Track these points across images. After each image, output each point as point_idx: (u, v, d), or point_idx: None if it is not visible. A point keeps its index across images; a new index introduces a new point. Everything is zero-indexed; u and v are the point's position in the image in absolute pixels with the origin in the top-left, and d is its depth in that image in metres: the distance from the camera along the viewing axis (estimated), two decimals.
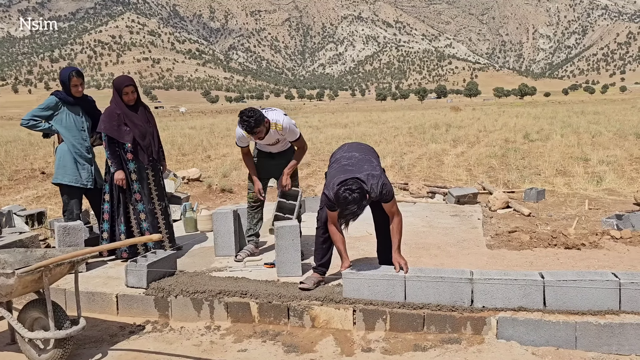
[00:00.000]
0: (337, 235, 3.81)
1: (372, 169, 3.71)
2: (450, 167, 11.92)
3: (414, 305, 3.53)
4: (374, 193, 3.60)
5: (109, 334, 3.78)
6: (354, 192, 3.45)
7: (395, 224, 3.78)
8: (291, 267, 4.19)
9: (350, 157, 3.88)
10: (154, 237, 2.84)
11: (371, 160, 3.87)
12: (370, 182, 3.60)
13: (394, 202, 3.78)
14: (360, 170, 3.69)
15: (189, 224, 6.13)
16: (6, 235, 5.55)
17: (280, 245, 4.18)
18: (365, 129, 25.54)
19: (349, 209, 3.46)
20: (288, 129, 4.61)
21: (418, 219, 6.67)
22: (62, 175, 4.85)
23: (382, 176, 3.70)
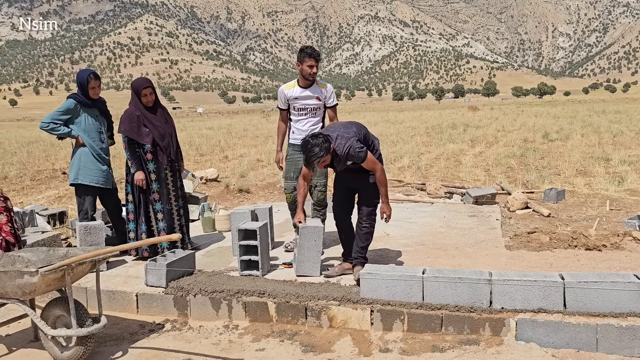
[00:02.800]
0: (301, 187, 4.21)
1: (345, 132, 3.99)
2: (468, 167, 11.82)
3: (432, 305, 3.52)
4: (340, 152, 3.91)
5: (129, 332, 3.84)
6: (317, 137, 3.87)
7: (378, 175, 4.06)
8: (310, 267, 4.21)
9: (332, 125, 4.33)
10: (173, 237, 2.87)
11: (350, 126, 4.11)
12: (337, 141, 3.91)
13: (370, 160, 4.00)
14: (331, 130, 4.05)
15: (207, 224, 6.18)
16: (29, 234, 5.66)
17: (302, 245, 4.20)
18: (382, 129, 25.46)
19: (313, 151, 3.83)
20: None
21: (436, 219, 6.64)
22: (83, 175, 4.92)
23: (353, 140, 3.93)
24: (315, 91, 4.97)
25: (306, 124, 5.03)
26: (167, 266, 4.10)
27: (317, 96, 4.98)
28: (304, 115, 5.01)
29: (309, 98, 4.96)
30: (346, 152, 3.88)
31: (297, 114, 5.04)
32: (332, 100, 5.07)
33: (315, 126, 5.04)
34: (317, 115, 5.04)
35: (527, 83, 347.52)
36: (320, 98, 5.00)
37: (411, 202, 8.06)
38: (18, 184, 11.26)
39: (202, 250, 5.28)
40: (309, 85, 4.95)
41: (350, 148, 3.88)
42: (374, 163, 4.01)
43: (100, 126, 5.05)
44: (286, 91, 5.03)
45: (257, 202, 8.84)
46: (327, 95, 5.04)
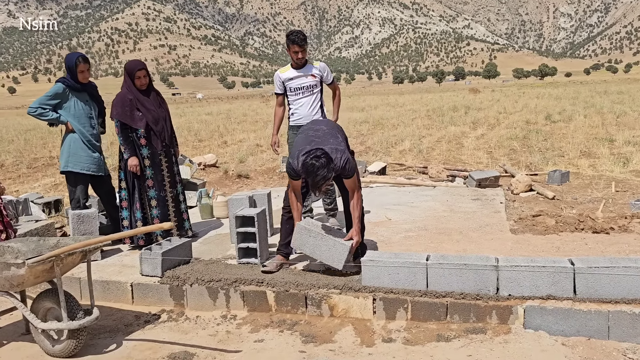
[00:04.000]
0: (294, 203, 3.88)
1: (337, 144, 3.75)
2: (470, 150, 11.66)
3: (436, 293, 3.39)
4: (336, 166, 3.63)
5: (124, 324, 3.72)
6: (320, 158, 3.51)
7: (356, 199, 3.82)
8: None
9: (317, 130, 3.91)
10: (164, 226, 2.74)
11: (337, 135, 3.89)
12: (334, 154, 3.65)
13: (355, 179, 3.81)
14: (325, 142, 3.73)
15: (205, 211, 6.05)
16: (22, 223, 5.53)
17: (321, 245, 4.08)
18: (383, 113, 25.24)
19: (319, 174, 3.49)
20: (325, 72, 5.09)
21: (438, 203, 6.50)
22: (74, 163, 4.76)
23: (347, 152, 3.76)
24: (309, 69, 5.03)
25: (304, 104, 5.00)
26: (162, 255, 3.97)
27: (311, 74, 4.99)
28: (301, 94, 5.00)
29: (304, 76, 4.99)
30: (342, 166, 3.66)
31: (294, 94, 5.02)
32: (329, 76, 5.11)
33: (313, 105, 5.01)
34: (314, 93, 5.01)
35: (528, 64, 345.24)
36: (315, 75, 4.99)
37: (413, 185, 7.92)
38: (14, 172, 11.12)
39: (200, 238, 5.15)
40: (302, 66, 5.02)
41: (347, 162, 3.69)
42: (356, 183, 3.81)
43: (90, 111, 4.89)
44: (281, 74, 5.09)
45: (256, 187, 8.71)
46: (324, 73, 5.05)
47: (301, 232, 3.81)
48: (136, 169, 4.71)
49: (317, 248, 3.73)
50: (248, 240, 4.20)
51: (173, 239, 4.36)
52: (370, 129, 17.33)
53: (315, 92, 5.02)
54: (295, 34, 4.88)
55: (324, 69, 5.06)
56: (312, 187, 3.58)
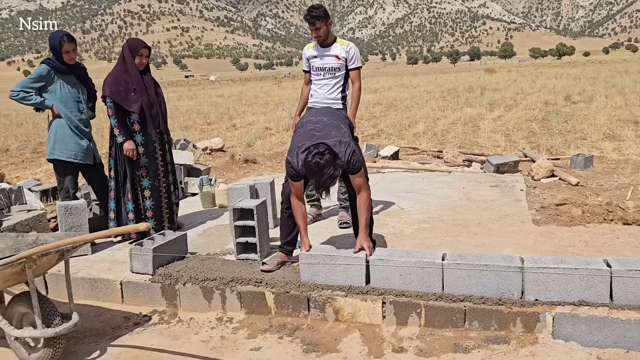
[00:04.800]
0: (297, 210, 3.44)
1: (341, 135, 3.33)
2: (487, 133, 11.18)
3: (453, 297, 3.03)
4: (342, 161, 3.21)
5: (111, 326, 3.43)
6: (324, 154, 3.08)
7: (363, 200, 3.37)
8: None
9: (318, 122, 3.47)
10: (140, 227, 2.40)
11: (340, 126, 3.46)
12: (338, 148, 3.22)
13: (363, 174, 3.38)
14: (327, 135, 3.30)
15: (206, 199, 5.73)
16: (14, 213, 5.26)
17: None
18: (396, 94, 24.68)
19: (325, 173, 3.07)
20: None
21: (454, 190, 6.11)
22: (60, 150, 4.44)
23: (352, 144, 3.33)
24: (335, 49, 4.51)
25: (324, 87, 4.57)
26: (154, 251, 3.66)
27: (336, 54, 4.49)
28: (322, 76, 4.56)
29: (328, 56, 4.51)
30: (347, 160, 3.23)
31: (316, 74, 4.60)
32: (354, 62, 4.54)
33: (333, 90, 4.55)
34: (336, 77, 4.53)
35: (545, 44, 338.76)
36: (340, 57, 4.48)
37: (427, 171, 7.52)
38: (18, 157, 10.92)
39: (198, 229, 4.83)
40: (328, 44, 4.53)
41: (353, 155, 3.25)
42: (363, 179, 3.37)
43: (78, 95, 4.54)
44: (307, 50, 4.67)
45: (263, 173, 8.37)
46: (350, 56, 4.51)
47: (307, 264, 3.34)
48: (132, 153, 4.37)
49: (331, 272, 3.29)
50: (247, 234, 3.87)
51: (167, 232, 4.05)
52: (383, 111, 16.87)
53: (338, 76, 4.53)
54: (309, 10, 4.42)
55: (351, 51, 4.50)
56: (318, 188, 3.17)
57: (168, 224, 4.57)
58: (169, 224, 4.58)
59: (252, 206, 3.75)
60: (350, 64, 4.53)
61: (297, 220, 3.45)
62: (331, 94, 4.55)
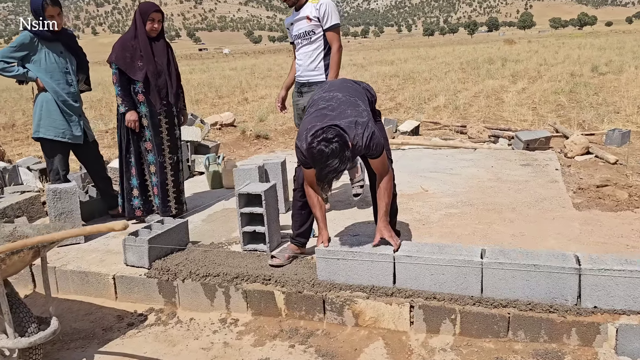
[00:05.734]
0: (313, 199, 2.95)
1: (357, 115, 2.78)
2: (512, 106, 10.57)
3: (494, 301, 2.58)
4: (359, 146, 2.71)
5: (102, 327, 3.04)
6: (331, 142, 2.57)
7: (384, 185, 2.88)
8: None
9: (331, 99, 2.92)
10: (115, 227, 1.97)
11: (357, 103, 2.91)
12: (353, 131, 2.69)
13: (384, 158, 2.87)
14: (341, 115, 2.77)
15: (213, 179, 5.30)
16: (6, 195, 4.89)
17: None
18: (413, 66, 23.88)
19: (328, 165, 2.56)
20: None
21: (482, 170, 5.60)
22: (46, 128, 4.02)
23: (371, 124, 2.78)
24: (305, 10, 3.91)
25: (303, 56, 3.98)
26: (150, 242, 3.24)
27: (306, 15, 3.88)
28: (300, 44, 3.99)
29: (299, 20, 3.93)
30: (366, 144, 2.72)
31: (296, 43, 4.05)
32: (329, 19, 3.86)
33: (313, 57, 3.92)
34: (313, 42, 3.91)
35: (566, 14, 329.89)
36: (311, 17, 3.86)
37: (451, 147, 7.01)
38: (24, 133, 10.57)
39: (203, 214, 4.41)
40: (301, 5, 3.94)
41: (372, 138, 2.73)
42: (385, 164, 2.88)
43: (66, 65, 4.09)
44: (286, 19, 4.17)
45: (275, 149, 7.92)
46: (322, 13, 3.83)
47: (325, 260, 2.90)
48: (134, 125, 4.01)
49: (352, 270, 2.85)
50: (255, 222, 3.43)
51: (167, 219, 3.63)
52: (400, 84, 16.23)
53: (315, 40, 3.90)
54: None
55: (322, 7, 3.83)
56: (319, 180, 2.67)
57: (175, 204, 4.17)
58: (176, 205, 4.17)
59: (260, 191, 3.31)
60: (324, 22, 3.86)
61: (314, 211, 2.98)
62: (311, 64, 3.93)
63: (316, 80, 3.91)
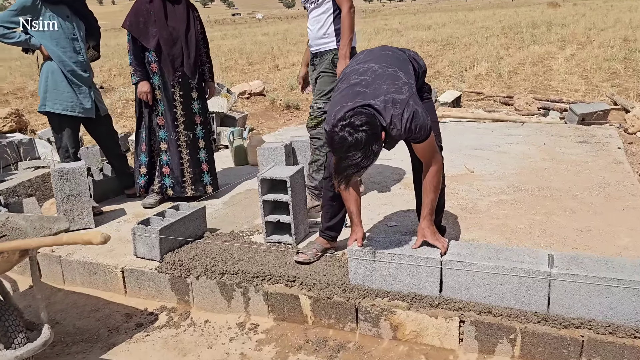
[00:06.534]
0: (346, 192, 2.51)
1: (395, 91, 2.25)
2: (561, 74, 9.79)
3: (564, 320, 2.13)
4: (397, 130, 2.20)
5: (108, 327, 2.73)
6: (357, 130, 2.08)
7: (430, 178, 2.38)
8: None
9: (365, 72, 2.40)
10: (94, 240, 1.58)
11: (396, 75, 2.36)
12: (390, 111, 2.18)
13: (432, 144, 2.34)
14: (376, 92, 2.25)
15: (238, 155, 4.92)
16: (20, 171, 4.62)
17: None
18: (452, 31, 22.77)
19: (348, 157, 2.09)
20: None
21: (533, 147, 5.05)
22: (52, 101, 3.67)
23: (413, 101, 2.23)
24: None
25: (313, 23, 3.47)
26: (161, 232, 2.88)
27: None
28: (309, 7, 3.50)
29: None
30: (406, 127, 2.20)
31: (306, 8, 3.57)
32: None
33: (322, 24, 3.40)
34: (321, 5, 3.40)
35: None
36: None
37: (496, 121, 6.43)
38: None
39: (225, 195, 4.04)
40: None
41: (413, 119, 2.19)
42: (432, 149, 2.35)
43: (73, 30, 3.70)
44: None
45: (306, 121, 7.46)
46: None
47: (359, 261, 2.47)
48: (146, 96, 3.66)
49: (390, 275, 2.41)
50: (279, 211, 3.04)
51: (182, 204, 3.27)
52: (439, 50, 15.41)
53: (323, 3, 3.40)
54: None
55: None
56: (336, 173, 2.17)
57: (192, 186, 3.80)
58: (193, 186, 3.81)
59: (285, 176, 2.89)
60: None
61: (348, 204, 2.54)
62: (320, 30, 3.41)
63: (328, 49, 3.41)
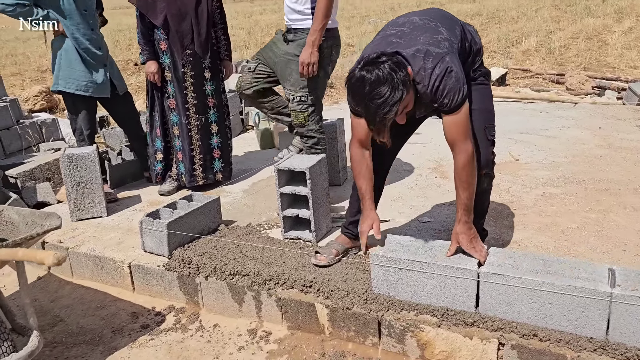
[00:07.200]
0: (361, 165, 2.19)
1: (432, 43, 1.94)
2: (618, 50, 9.07)
3: (626, 350, 1.78)
4: (424, 86, 1.89)
5: (112, 327, 2.53)
6: (377, 64, 1.81)
7: (458, 170, 2.01)
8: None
9: (404, 23, 2.09)
10: (46, 261, 1.30)
11: (438, 30, 2.02)
12: (419, 62, 1.89)
13: (463, 121, 1.96)
14: (411, 43, 1.95)
15: (264, 138, 4.65)
16: (40, 153, 4.49)
17: None
18: (499, 3, 21.70)
19: (374, 97, 1.79)
20: None
21: (587, 132, 4.59)
22: (65, 80, 3.46)
23: (450, 59, 1.90)
24: None
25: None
26: (170, 226, 2.65)
27: None
28: None
29: None
30: (434, 87, 1.89)
31: None
32: None
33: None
34: None
35: None
36: None
37: (545, 101, 5.93)
38: None
39: (247, 181, 3.79)
40: None
41: (445, 77, 1.88)
42: (464, 127, 1.97)
43: (85, 4, 3.47)
44: None
45: (339, 100, 7.12)
46: None
47: (383, 268, 2.13)
48: (154, 77, 3.43)
49: (420, 286, 2.08)
50: (298, 205, 2.76)
51: (195, 195, 3.03)
52: (484, 24, 14.63)
53: None
54: None
55: None
56: (370, 124, 1.87)
57: (202, 174, 3.56)
58: (204, 174, 3.57)
59: (305, 168, 2.60)
60: None
61: (357, 181, 2.23)
62: (296, 3, 2.95)
63: (301, 27, 2.98)
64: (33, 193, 3.60)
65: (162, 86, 3.47)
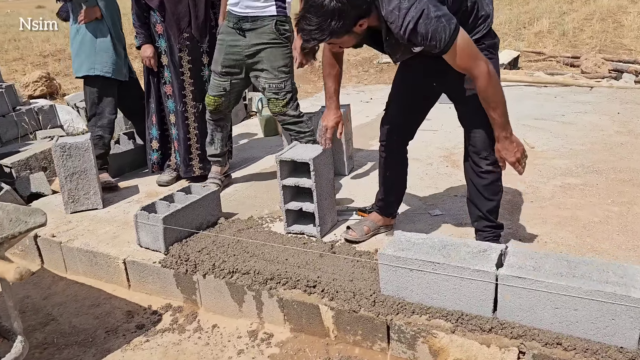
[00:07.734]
0: (332, 68, 2.34)
1: None
2: (635, 31, 8.77)
3: None
4: (396, 27, 1.84)
5: (105, 327, 2.40)
6: None
7: (482, 90, 1.93)
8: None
9: None
10: (7, 276, 1.09)
11: None
12: (394, 2, 1.83)
13: (463, 49, 1.85)
14: None
15: (267, 125, 4.49)
16: (37, 141, 4.35)
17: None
18: None
19: (306, 18, 1.85)
20: None
21: (605, 117, 4.39)
22: (102, 63, 3.37)
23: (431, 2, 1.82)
24: None
25: None
26: (166, 221, 2.50)
27: None
28: None
29: None
30: (407, 28, 1.81)
31: None
32: None
33: None
34: None
35: None
36: None
37: (559, 85, 5.72)
38: None
39: (249, 173, 3.63)
40: None
41: (420, 20, 1.79)
42: (471, 57, 1.88)
43: None
44: None
45: (346, 84, 6.92)
46: None
47: (392, 269, 1.97)
48: (150, 62, 3.29)
49: (432, 288, 1.91)
50: (302, 197, 2.60)
51: (193, 186, 2.88)
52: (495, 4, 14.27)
53: None
54: None
55: None
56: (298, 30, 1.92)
57: (199, 164, 3.41)
58: (201, 164, 3.42)
59: (308, 159, 2.44)
60: None
61: (327, 82, 2.38)
62: None
63: (267, 14, 2.85)
64: (27, 183, 3.46)
65: (158, 71, 3.32)
